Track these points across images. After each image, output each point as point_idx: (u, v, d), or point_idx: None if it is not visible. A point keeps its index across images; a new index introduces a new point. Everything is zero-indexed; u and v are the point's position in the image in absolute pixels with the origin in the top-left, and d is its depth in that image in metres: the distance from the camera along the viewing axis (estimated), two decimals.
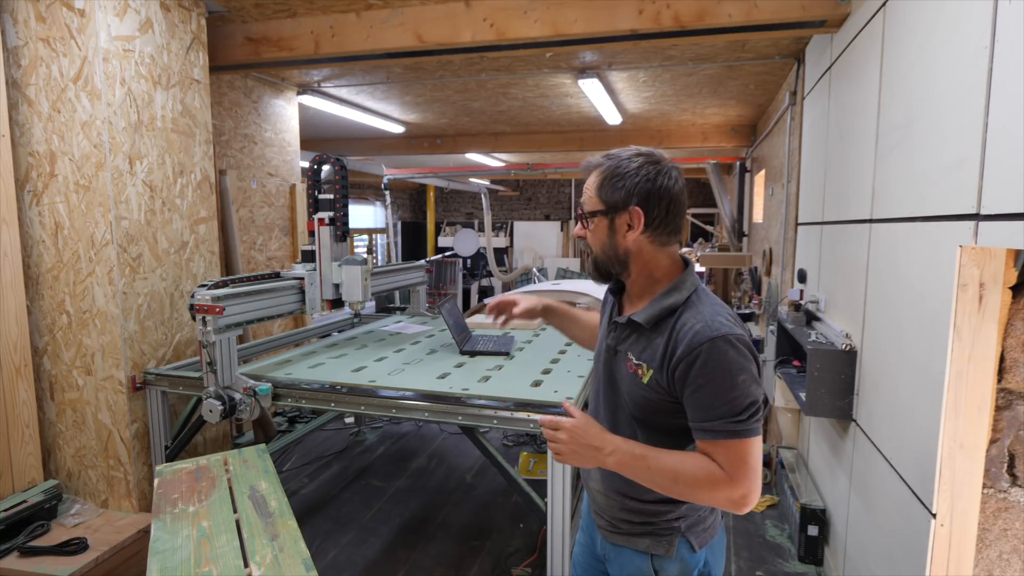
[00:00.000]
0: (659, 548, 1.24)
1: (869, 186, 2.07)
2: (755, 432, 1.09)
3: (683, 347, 1.11)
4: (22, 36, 2.44)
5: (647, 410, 1.20)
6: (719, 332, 1.09)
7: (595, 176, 1.23)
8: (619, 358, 1.26)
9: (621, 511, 1.28)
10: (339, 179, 2.87)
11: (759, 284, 4.97)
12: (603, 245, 1.24)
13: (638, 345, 1.22)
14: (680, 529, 1.24)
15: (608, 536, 1.33)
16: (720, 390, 1.08)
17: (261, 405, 2.40)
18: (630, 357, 1.22)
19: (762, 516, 3.14)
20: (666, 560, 1.24)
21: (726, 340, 1.08)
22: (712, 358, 1.08)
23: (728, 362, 1.08)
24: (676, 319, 1.16)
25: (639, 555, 1.26)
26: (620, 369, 1.25)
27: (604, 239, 1.23)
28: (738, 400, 1.07)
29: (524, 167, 6.96)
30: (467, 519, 3.12)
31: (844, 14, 2.46)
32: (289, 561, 1.48)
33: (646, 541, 1.26)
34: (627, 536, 1.28)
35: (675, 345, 1.13)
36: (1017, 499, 1.35)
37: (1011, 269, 1.27)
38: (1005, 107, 1.17)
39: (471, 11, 2.82)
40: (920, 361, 1.54)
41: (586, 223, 1.25)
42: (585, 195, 1.24)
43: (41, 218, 2.53)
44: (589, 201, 1.23)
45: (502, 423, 2.15)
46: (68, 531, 2.44)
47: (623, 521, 1.29)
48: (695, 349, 1.09)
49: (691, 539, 1.24)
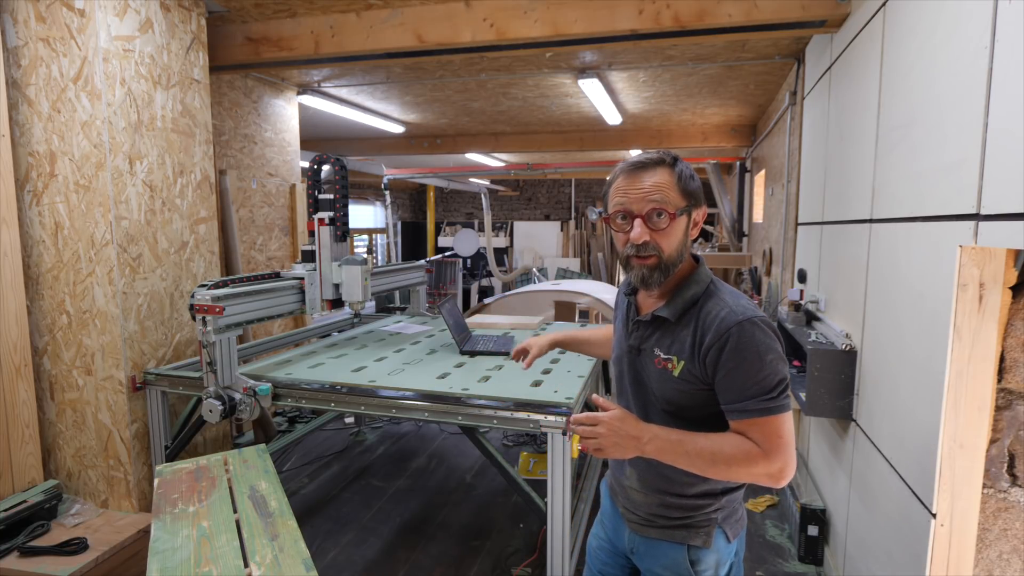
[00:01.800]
0: (697, 539, 1.26)
1: (869, 186, 2.07)
2: (787, 407, 1.12)
3: (712, 333, 1.14)
4: (22, 36, 2.45)
5: (680, 403, 1.22)
6: (745, 315, 1.13)
7: (667, 173, 1.18)
8: (644, 356, 1.28)
9: (660, 507, 1.30)
10: (339, 179, 2.87)
11: (759, 284, 4.97)
12: (678, 246, 1.19)
13: (665, 340, 1.23)
14: (717, 520, 1.27)
15: (640, 530, 1.34)
16: (751, 370, 1.11)
17: (261, 405, 2.40)
18: (657, 353, 1.23)
19: (762, 516, 3.14)
20: (703, 551, 1.27)
21: (752, 323, 1.12)
22: (741, 340, 1.11)
23: (756, 343, 1.11)
24: (699, 309, 1.19)
25: (675, 547, 1.28)
26: (647, 367, 1.27)
27: (681, 239, 1.19)
28: (768, 378, 1.11)
29: (524, 167, 6.96)
30: (467, 519, 3.12)
31: (844, 14, 2.46)
32: (289, 561, 1.48)
33: (683, 533, 1.28)
34: (663, 529, 1.30)
35: (703, 333, 1.16)
36: (1017, 499, 1.35)
37: (1011, 269, 1.27)
38: (1005, 107, 1.17)
39: (471, 11, 2.82)
40: (920, 361, 1.54)
41: (655, 223, 1.16)
42: (658, 193, 1.16)
43: (41, 218, 2.53)
44: (669, 199, 1.16)
45: (502, 423, 2.15)
46: (68, 531, 2.44)
47: (660, 516, 1.30)
48: (724, 333, 1.12)
49: (727, 530, 1.28)
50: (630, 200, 1.17)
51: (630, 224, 1.18)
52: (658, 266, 1.18)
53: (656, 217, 1.16)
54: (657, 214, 1.16)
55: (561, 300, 5.50)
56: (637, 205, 1.17)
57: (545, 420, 2.06)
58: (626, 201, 1.18)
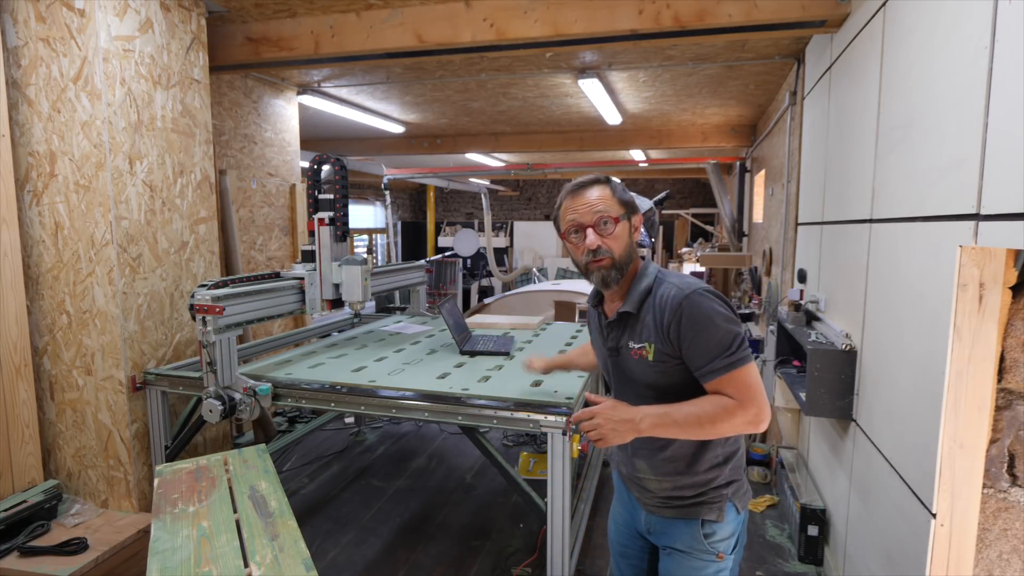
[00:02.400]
0: (711, 514, 1.40)
1: (869, 186, 2.07)
2: (748, 359, 1.28)
3: (668, 311, 1.31)
4: (22, 36, 2.44)
5: (662, 384, 1.36)
6: (691, 288, 1.31)
7: (602, 189, 1.39)
8: (622, 353, 1.42)
9: (674, 489, 1.42)
10: (339, 179, 2.87)
11: (759, 284, 4.97)
12: (626, 247, 1.38)
13: (634, 333, 1.39)
14: (728, 495, 1.41)
15: (657, 511, 1.47)
16: (708, 334, 1.28)
17: (261, 405, 2.40)
18: (632, 346, 1.39)
19: (762, 516, 3.14)
20: (718, 524, 1.40)
21: (698, 294, 1.30)
22: (692, 310, 1.29)
23: (705, 309, 1.28)
24: (654, 296, 1.37)
25: (691, 523, 1.41)
26: (627, 362, 1.42)
27: (627, 241, 1.39)
28: (724, 337, 1.27)
29: (524, 167, 6.96)
30: (467, 519, 3.12)
31: (844, 14, 2.46)
32: (289, 561, 1.48)
33: (698, 509, 1.40)
34: (678, 508, 1.42)
35: (660, 313, 1.33)
36: (1017, 499, 1.35)
37: (1011, 269, 1.27)
38: (1005, 107, 1.17)
39: (471, 11, 2.82)
40: (920, 361, 1.54)
41: (603, 229, 1.36)
42: (601, 204, 1.36)
43: (41, 218, 2.53)
44: (610, 208, 1.36)
45: (502, 423, 2.15)
46: (68, 531, 2.44)
47: (675, 498, 1.43)
48: (677, 308, 1.30)
49: (736, 503, 1.42)
50: (579, 214, 1.37)
51: (583, 235, 1.37)
52: (613, 265, 1.37)
53: (603, 224, 1.36)
54: (604, 222, 1.35)
55: (561, 300, 5.50)
56: (586, 217, 1.36)
57: (545, 420, 2.06)
58: (576, 216, 1.37)
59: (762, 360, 3.44)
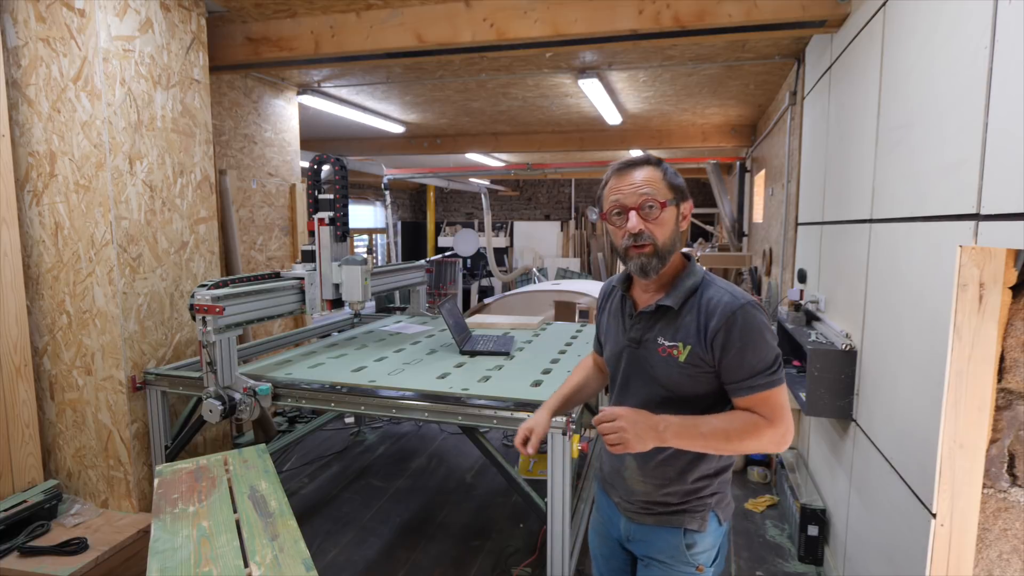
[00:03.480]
0: (693, 523, 1.34)
1: (869, 186, 2.07)
2: (783, 379, 1.25)
3: (717, 317, 1.24)
4: (22, 36, 2.44)
5: (684, 388, 1.30)
6: (746, 299, 1.26)
7: (653, 170, 1.30)
8: (646, 347, 1.35)
9: (660, 494, 1.36)
10: (339, 179, 2.87)
11: (759, 284, 4.97)
12: (671, 235, 1.29)
13: (668, 329, 1.31)
14: (711, 505, 1.36)
15: (636, 518, 1.40)
16: (756, 349, 1.23)
17: (261, 405, 2.40)
18: (661, 342, 1.31)
19: (762, 516, 3.14)
20: (699, 534, 1.35)
21: (752, 306, 1.25)
22: (746, 322, 1.23)
23: (758, 323, 1.24)
24: (700, 297, 1.29)
25: (672, 531, 1.36)
26: (650, 357, 1.34)
27: (673, 227, 1.30)
28: (769, 355, 1.24)
29: (524, 167, 6.97)
30: (467, 519, 3.12)
31: (844, 14, 2.46)
32: (289, 561, 1.48)
33: (681, 518, 1.35)
34: (660, 516, 1.37)
35: (708, 318, 1.26)
36: (1017, 499, 1.35)
37: (1011, 269, 1.27)
38: (1005, 107, 1.17)
39: (471, 11, 2.82)
40: (920, 361, 1.54)
41: (647, 213, 1.27)
42: (648, 187, 1.27)
43: (41, 218, 2.53)
44: (658, 191, 1.27)
45: (502, 423, 2.15)
46: (68, 531, 2.44)
47: (659, 503, 1.37)
48: (730, 316, 1.23)
49: (719, 513, 1.37)
50: (624, 195, 1.27)
51: (626, 218, 1.28)
52: (655, 253, 1.27)
53: (648, 208, 1.26)
54: (649, 205, 1.26)
55: (561, 300, 5.49)
56: (631, 199, 1.27)
57: None
58: (620, 197, 1.28)
59: None
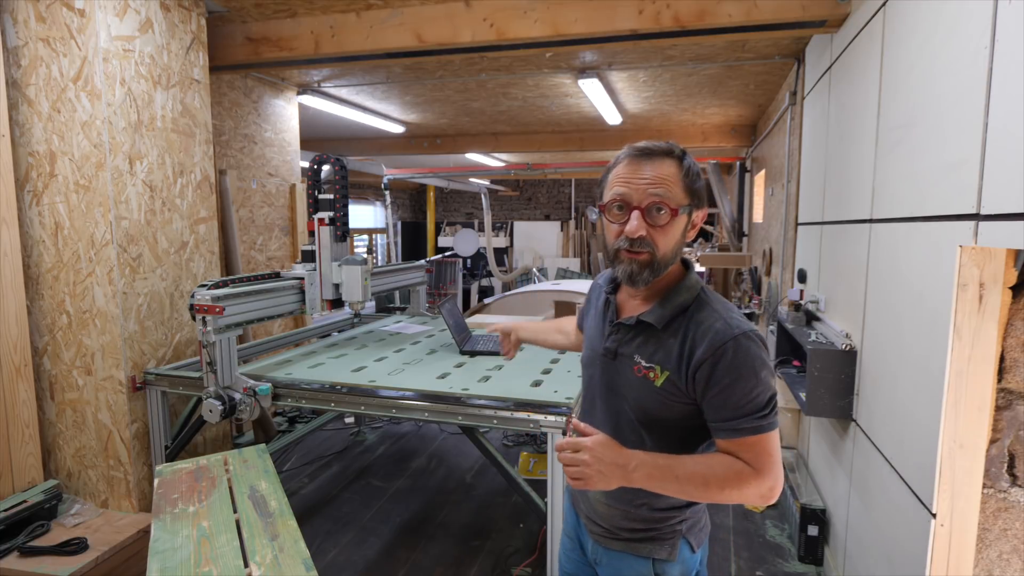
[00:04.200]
0: (662, 552, 1.21)
1: (869, 186, 2.07)
2: (776, 424, 1.08)
3: (705, 346, 1.07)
4: (22, 36, 2.44)
5: (656, 415, 1.15)
6: (741, 329, 1.07)
7: (673, 165, 1.09)
8: (621, 362, 1.19)
9: (624, 519, 1.23)
10: (339, 179, 2.87)
11: (759, 284, 4.97)
12: (674, 246, 1.11)
13: (647, 347, 1.15)
14: (682, 532, 1.22)
15: (604, 542, 1.28)
16: (747, 387, 1.05)
17: (261, 405, 2.40)
18: (638, 360, 1.15)
19: (762, 516, 3.14)
20: (668, 563, 1.22)
21: (747, 337, 1.06)
22: (738, 356, 1.05)
23: (752, 359, 1.06)
24: (689, 319, 1.12)
25: (640, 560, 1.23)
26: (623, 373, 1.19)
27: (679, 238, 1.11)
28: (762, 395, 1.06)
29: (524, 167, 6.97)
30: (467, 519, 3.12)
31: (844, 14, 2.46)
32: (289, 561, 1.48)
33: (648, 546, 1.22)
34: (627, 542, 1.24)
35: (693, 345, 1.08)
36: (1017, 499, 1.35)
37: (1011, 269, 1.27)
38: (1005, 107, 1.17)
39: (471, 11, 2.82)
40: (920, 361, 1.54)
41: (654, 217, 1.08)
42: (662, 186, 1.07)
43: (41, 218, 2.53)
44: (672, 193, 1.08)
45: (502, 423, 2.15)
46: (68, 531, 2.44)
47: (624, 529, 1.24)
48: (719, 347, 1.05)
49: (691, 540, 1.23)
50: (631, 190, 1.08)
51: (627, 216, 1.09)
52: (650, 264, 1.09)
53: (656, 212, 1.07)
54: (657, 208, 1.07)
55: (561, 300, 5.49)
56: (638, 196, 1.08)
57: (545, 420, 2.06)
58: (626, 191, 1.09)
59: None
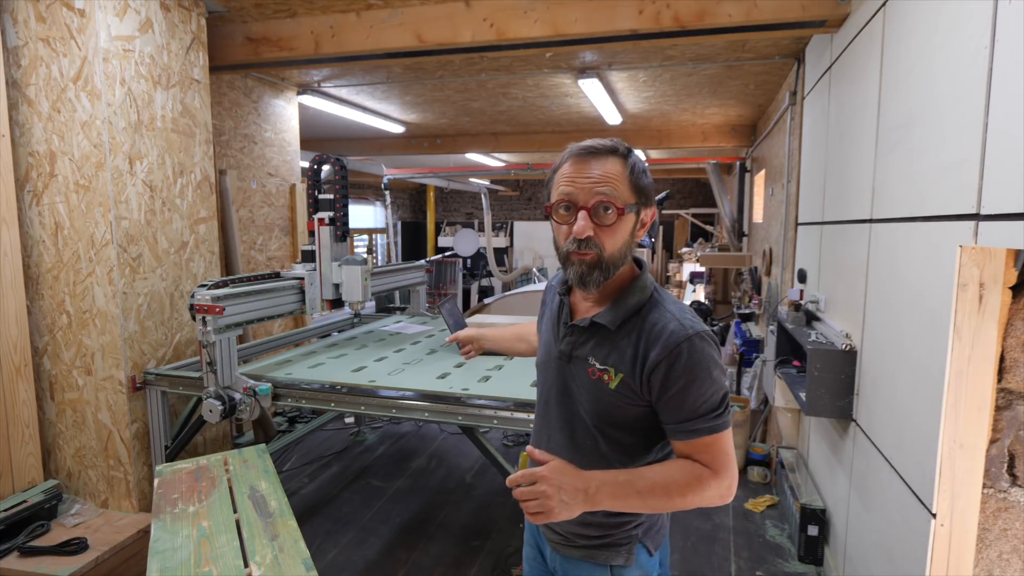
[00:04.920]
0: (619, 558, 1.20)
1: (869, 186, 2.07)
2: (729, 423, 1.08)
3: (659, 347, 1.06)
4: (22, 36, 2.44)
5: (611, 418, 1.13)
6: (694, 330, 1.06)
7: (618, 163, 1.08)
8: (575, 365, 1.17)
9: (579, 525, 1.19)
10: (339, 179, 2.87)
11: (759, 284, 4.97)
12: (622, 246, 1.09)
13: (601, 349, 1.13)
14: (638, 536, 1.20)
15: (561, 550, 1.26)
16: (701, 388, 1.05)
17: (261, 405, 2.40)
18: (592, 363, 1.13)
19: (762, 516, 3.14)
20: (626, 569, 1.20)
21: (701, 337, 1.06)
22: (692, 357, 1.04)
23: (706, 359, 1.05)
24: (643, 320, 1.10)
25: (597, 567, 1.21)
26: (577, 376, 1.16)
27: (627, 238, 1.10)
28: (716, 395, 1.06)
29: (524, 167, 6.97)
30: (467, 519, 3.12)
31: (844, 14, 2.46)
32: (289, 561, 1.48)
33: (604, 553, 1.20)
34: (583, 549, 1.22)
35: (647, 346, 1.07)
36: (1017, 499, 1.35)
37: (1011, 269, 1.27)
38: (1005, 107, 1.17)
39: (471, 11, 2.82)
40: (920, 361, 1.54)
41: (600, 217, 1.06)
42: (607, 185, 1.05)
43: (41, 218, 2.53)
44: (618, 192, 1.06)
45: (502, 423, 2.15)
46: (68, 531, 2.44)
47: (580, 536, 1.21)
48: (674, 348, 1.04)
49: (648, 544, 1.22)
50: (576, 189, 1.06)
51: (573, 216, 1.07)
52: (598, 264, 1.08)
53: (603, 211, 1.05)
54: (604, 208, 1.05)
55: None
56: (583, 195, 1.06)
57: None
58: (572, 191, 1.07)
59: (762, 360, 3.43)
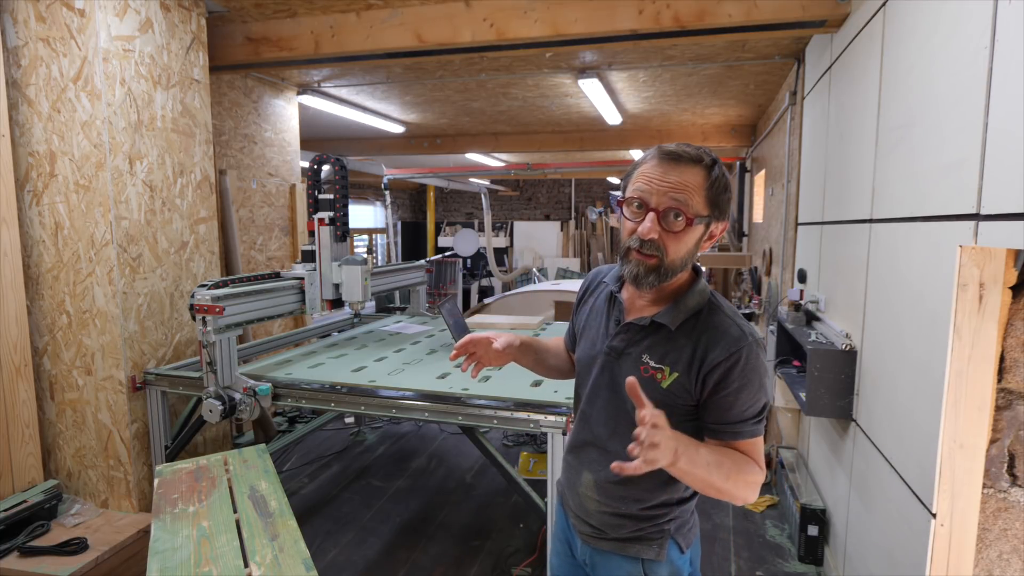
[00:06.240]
0: (650, 552, 1.21)
1: (869, 186, 2.07)
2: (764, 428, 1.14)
3: (720, 349, 1.09)
4: (22, 36, 2.44)
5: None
6: (753, 337, 1.12)
7: (699, 174, 1.08)
8: (625, 360, 1.19)
9: (613, 517, 1.23)
10: (339, 179, 2.87)
11: (759, 284, 4.97)
12: (687, 254, 1.11)
13: (658, 348, 1.15)
14: (670, 532, 1.22)
15: (592, 542, 1.28)
16: (751, 393, 1.10)
17: (261, 405, 2.40)
18: (646, 360, 1.15)
19: (762, 516, 3.14)
20: (657, 564, 1.22)
21: (758, 344, 1.12)
22: (750, 362, 1.09)
23: (760, 366, 1.11)
24: (702, 322, 1.14)
25: (629, 560, 1.23)
26: (627, 372, 1.16)
27: (692, 247, 1.11)
28: (760, 402, 1.12)
29: (524, 167, 6.97)
30: (467, 519, 3.12)
31: (844, 14, 2.46)
32: (289, 561, 1.48)
33: (636, 546, 1.22)
34: (615, 542, 1.24)
35: (707, 347, 1.10)
36: (1017, 499, 1.35)
37: (1011, 269, 1.27)
38: (1005, 107, 1.17)
39: (471, 11, 2.82)
40: (920, 361, 1.54)
41: (669, 223, 1.07)
42: (683, 193, 1.06)
43: (41, 218, 2.53)
44: (693, 202, 1.07)
45: (502, 423, 2.15)
46: (68, 531, 2.44)
47: (613, 527, 1.24)
48: (735, 352, 1.09)
49: (679, 541, 1.23)
50: (652, 190, 1.07)
51: (643, 216, 1.08)
52: (656, 268, 1.09)
53: (672, 218, 1.06)
54: (675, 214, 1.06)
55: (561, 300, 5.49)
56: (656, 198, 1.07)
57: (545, 420, 2.06)
58: (647, 191, 1.08)
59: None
